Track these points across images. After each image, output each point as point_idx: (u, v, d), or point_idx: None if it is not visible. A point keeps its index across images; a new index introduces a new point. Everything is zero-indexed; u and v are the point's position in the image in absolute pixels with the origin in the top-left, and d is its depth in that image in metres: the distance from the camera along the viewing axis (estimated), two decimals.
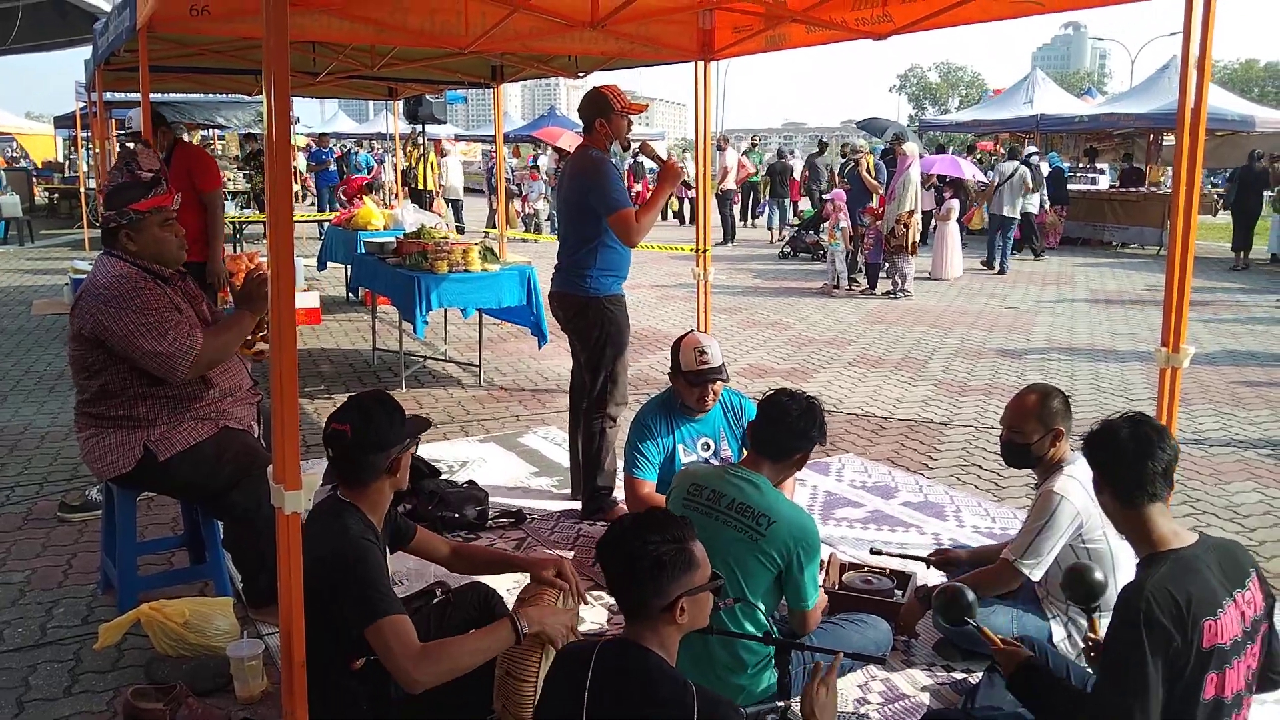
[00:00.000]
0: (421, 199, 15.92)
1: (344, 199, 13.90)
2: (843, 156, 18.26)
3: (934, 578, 3.77)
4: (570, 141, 19.14)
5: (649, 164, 16.43)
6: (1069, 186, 18.13)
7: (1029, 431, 3.16)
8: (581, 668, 2.11)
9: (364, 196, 11.56)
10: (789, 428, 2.98)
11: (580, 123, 4.58)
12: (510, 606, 2.88)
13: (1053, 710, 2.44)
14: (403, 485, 2.79)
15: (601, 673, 2.09)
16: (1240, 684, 2.22)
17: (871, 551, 3.91)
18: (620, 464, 4.36)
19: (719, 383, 4.01)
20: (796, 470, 3.09)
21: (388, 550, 2.78)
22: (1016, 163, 14.72)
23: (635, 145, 4.81)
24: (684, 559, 2.16)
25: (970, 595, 2.67)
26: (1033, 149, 17.74)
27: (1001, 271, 14.44)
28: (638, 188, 21.16)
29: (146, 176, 3.35)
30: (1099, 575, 2.62)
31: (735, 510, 2.88)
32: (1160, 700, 2.11)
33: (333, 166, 20.16)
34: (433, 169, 17.16)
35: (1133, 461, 2.26)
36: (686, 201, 21.90)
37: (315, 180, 19.75)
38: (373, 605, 2.44)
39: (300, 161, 20.07)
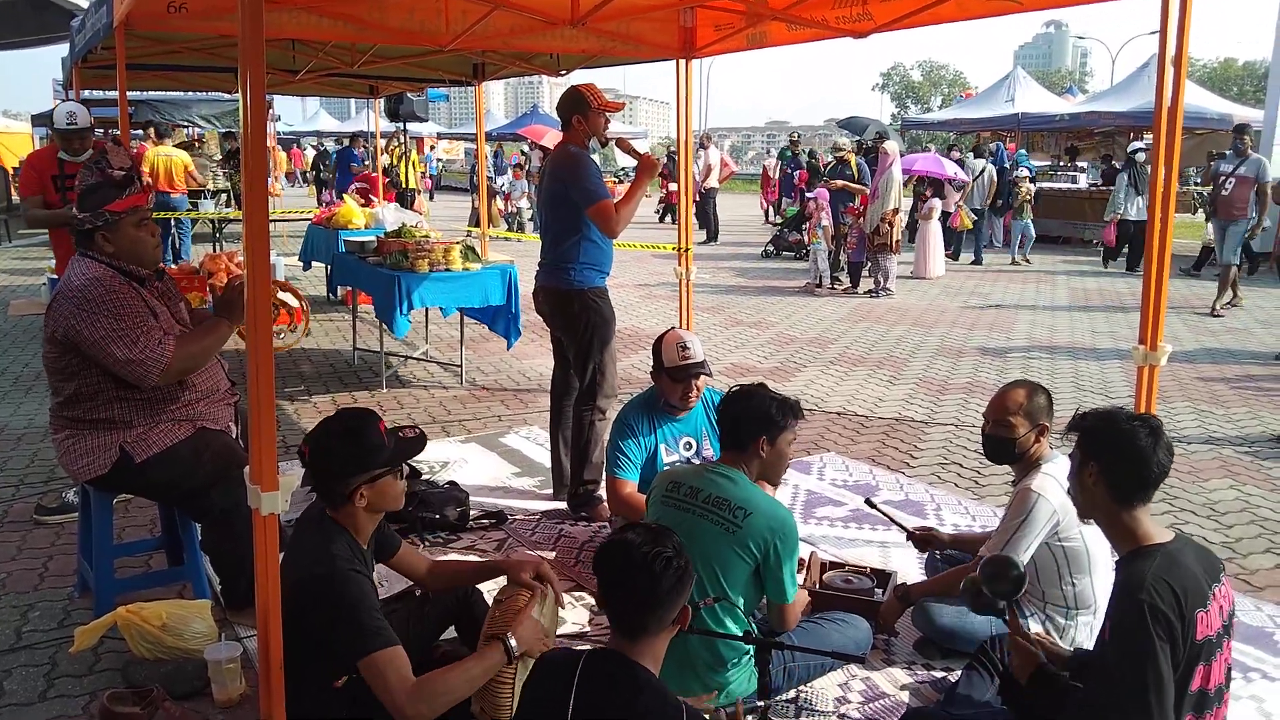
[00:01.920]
0: (403, 197, 15.84)
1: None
2: (794, 152, 18.45)
3: (913, 576, 3.79)
4: (555, 140, 19.10)
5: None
6: (1047, 185, 18.24)
7: (1015, 426, 3.16)
8: (566, 678, 2.08)
9: (344, 196, 11.50)
10: (742, 412, 3.01)
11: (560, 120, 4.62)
12: (489, 604, 2.86)
13: (1068, 713, 2.41)
14: (385, 509, 2.66)
15: (587, 684, 2.07)
16: (1220, 678, 2.24)
17: (866, 502, 3.99)
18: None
19: (702, 378, 4.02)
20: (767, 461, 3.01)
21: (372, 560, 2.74)
22: (984, 161, 15.63)
23: (613, 140, 4.86)
24: (690, 565, 2.16)
25: (1020, 568, 2.54)
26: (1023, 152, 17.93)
27: (977, 262, 15.24)
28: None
29: (118, 175, 3.31)
30: (1019, 571, 2.58)
31: (712, 504, 2.88)
32: (1173, 690, 2.11)
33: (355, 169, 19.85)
34: (414, 167, 17.09)
35: (1144, 461, 2.27)
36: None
37: (336, 181, 19.31)
38: (366, 639, 2.40)
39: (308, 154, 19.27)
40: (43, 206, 5.76)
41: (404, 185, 16.58)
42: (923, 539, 3.67)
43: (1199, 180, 19.15)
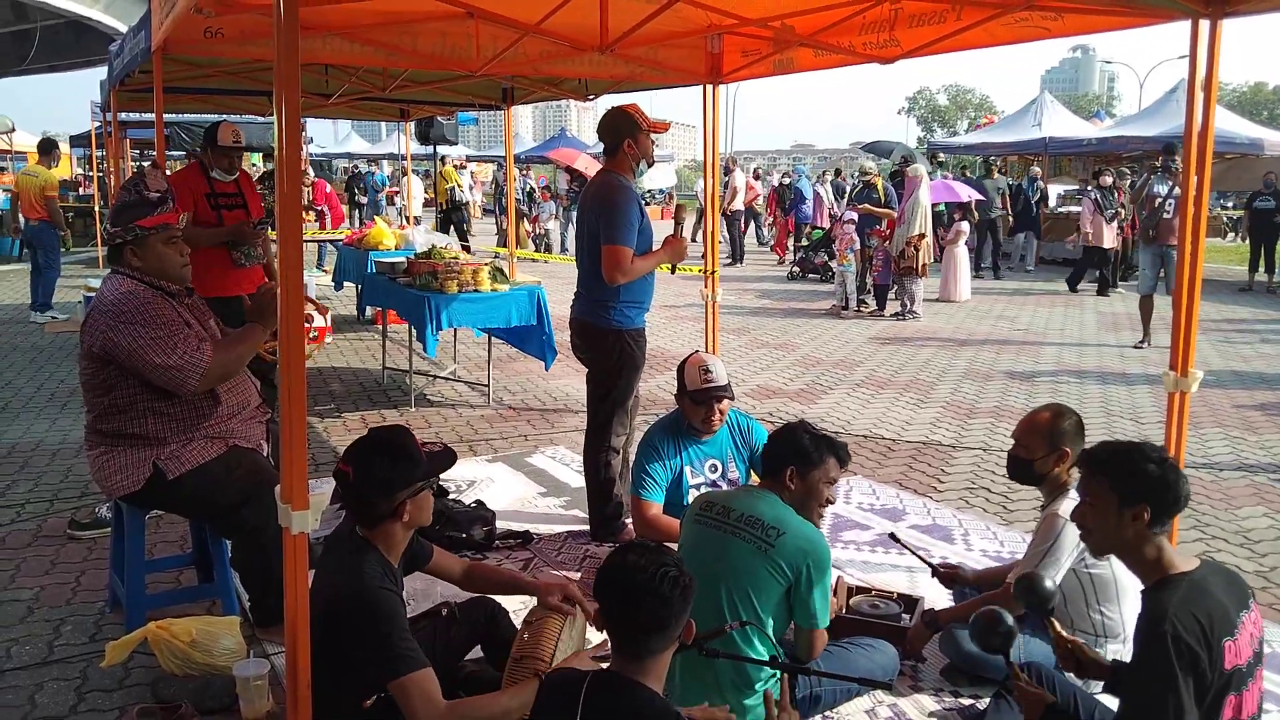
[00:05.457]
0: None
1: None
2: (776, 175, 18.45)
3: (941, 602, 3.76)
4: (588, 164, 19.11)
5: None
6: (1075, 209, 18.15)
7: (1034, 447, 3.17)
8: (571, 700, 2.09)
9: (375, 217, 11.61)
10: (777, 442, 3.06)
11: (597, 144, 4.56)
12: (517, 626, 2.88)
13: None
14: (419, 524, 2.70)
15: (593, 707, 2.07)
16: (1254, 707, 2.21)
17: (890, 536, 3.95)
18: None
19: (725, 401, 4.01)
20: (795, 495, 2.99)
21: (401, 578, 2.76)
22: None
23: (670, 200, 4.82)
24: (693, 579, 2.16)
25: (1009, 620, 2.57)
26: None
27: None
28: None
29: (153, 196, 3.39)
30: (1048, 583, 2.62)
31: (745, 523, 2.89)
32: None
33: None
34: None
35: (1172, 484, 2.26)
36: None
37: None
38: (396, 661, 2.41)
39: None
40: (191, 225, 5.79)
41: (445, 206, 16.86)
42: (948, 576, 3.62)
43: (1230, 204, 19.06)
